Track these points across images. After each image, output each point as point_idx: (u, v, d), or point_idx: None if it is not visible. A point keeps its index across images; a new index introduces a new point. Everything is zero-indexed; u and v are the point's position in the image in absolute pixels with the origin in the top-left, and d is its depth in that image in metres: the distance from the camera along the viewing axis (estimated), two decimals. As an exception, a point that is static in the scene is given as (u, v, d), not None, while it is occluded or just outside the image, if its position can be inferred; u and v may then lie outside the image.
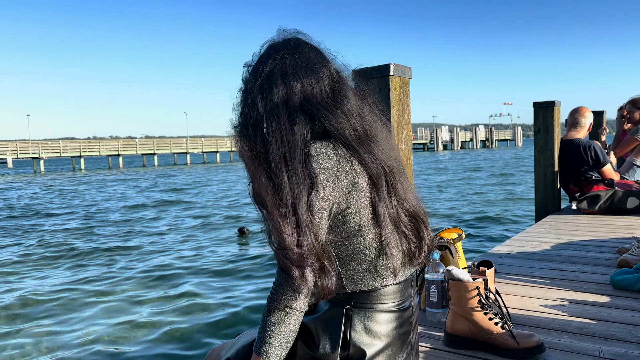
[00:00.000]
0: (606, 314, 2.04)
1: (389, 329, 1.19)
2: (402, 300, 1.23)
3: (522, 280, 2.56)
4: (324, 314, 1.21)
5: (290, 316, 1.11)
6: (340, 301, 1.20)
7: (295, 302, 1.11)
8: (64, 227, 11.71)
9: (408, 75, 2.36)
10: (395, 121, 2.29)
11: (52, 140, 50.01)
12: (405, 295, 1.24)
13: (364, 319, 1.18)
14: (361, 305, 1.19)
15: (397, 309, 1.21)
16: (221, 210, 13.91)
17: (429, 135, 77.35)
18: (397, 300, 1.21)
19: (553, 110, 4.90)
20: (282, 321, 1.11)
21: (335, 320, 1.19)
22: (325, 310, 1.21)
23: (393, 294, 1.21)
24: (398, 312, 1.22)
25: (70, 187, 24.50)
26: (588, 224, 4.07)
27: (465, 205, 12.91)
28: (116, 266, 7.60)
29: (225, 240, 9.52)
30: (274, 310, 1.11)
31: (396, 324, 1.21)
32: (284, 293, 1.11)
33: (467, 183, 19.30)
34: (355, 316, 1.18)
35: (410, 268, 1.26)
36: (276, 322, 1.11)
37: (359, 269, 1.18)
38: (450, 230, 2.24)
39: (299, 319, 1.13)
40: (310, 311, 1.26)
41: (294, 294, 1.10)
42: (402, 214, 1.20)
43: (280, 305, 1.11)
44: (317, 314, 1.23)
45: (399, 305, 1.22)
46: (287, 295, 1.10)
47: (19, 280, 6.94)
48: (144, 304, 5.68)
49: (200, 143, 56.78)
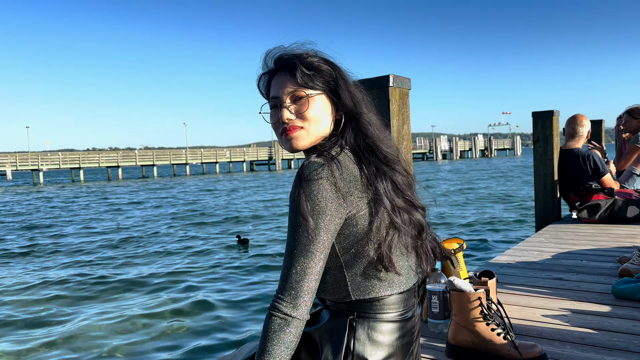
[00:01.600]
0: (608, 323, 2.04)
1: (392, 339, 1.19)
2: (405, 310, 1.23)
3: (524, 290, 2.55)
4: (326, 323, 1.21)
5: (291, 324, 1.11)
6: (343, 311, 1.20)
7: (296, 311, 1.11)
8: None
9: (407, 86, 2.38)
10: (395, 132, 2.29)
11: (51, 152, 50.02)
12: (408, 305, 1.24)
13: (367, 329, 1.18)
14: (364, 315, 1.19)
15: (400, 319, 1.21)
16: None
17: (428, 145, 77.49)
18: (400, 310, 1.21)
19: (552, 119, 4.92)
20: (283, 330, 1.10)
21: (338, 330, 1.18)
22: (328, 320, 1.21)
23: (396, 304, 1.21)
24: (401, 322, 1.21)
25: (76, 198, 24.48)
26: (588, 233, 4.07)
27: (466, 215, 12.91)
28: (115, 270, 7.59)
29: (228, 248, 9.53)
30: (275, 318, 1.11)
31: (399, 334, 1.21)
32: (285, 301, 1.11)
33: (469, 189, 19.31)
34: (358, 326, 1.18)
35: (413, 277, 1.26)
36: (277, 330, 1.11)
37: (364, 275, 1.18)
38: (451, 241, 2.23)
39: (300, 328, 1.13)
40: (313, 321, 1.26)
41: (297, 302, 1.10)
42: (409, 223, 1.21)
43: (281, 314, 1.11)
44: (320, 324, 1.22)
45: (402, 315, 1.22)
46: (288, 304, 1.10)
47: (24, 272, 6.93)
48: (143, 312, 5.65)
49: (200, 154, 56.81)
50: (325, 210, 1.10)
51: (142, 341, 4.79)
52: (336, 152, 1.17)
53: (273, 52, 1.27)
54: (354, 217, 1.14)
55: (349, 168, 1.15)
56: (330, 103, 1.25)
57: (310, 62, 1.22)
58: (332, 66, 1.24)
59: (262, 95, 1.31)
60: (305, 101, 1.20)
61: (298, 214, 1.10)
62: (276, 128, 1.25)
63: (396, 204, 1.19)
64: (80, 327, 5.31)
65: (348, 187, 1.12)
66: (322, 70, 1.22)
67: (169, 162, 54.09)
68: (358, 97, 1.25)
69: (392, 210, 1.17)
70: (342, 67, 1.28)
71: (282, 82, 1.23)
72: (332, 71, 1.23)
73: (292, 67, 1.21)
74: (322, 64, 1.23)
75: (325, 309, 1.25)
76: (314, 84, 1.21)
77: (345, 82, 1.24)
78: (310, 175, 1.10)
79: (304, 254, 1.11)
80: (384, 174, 1.19)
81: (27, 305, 6.25)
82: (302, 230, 1.10)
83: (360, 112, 1.24)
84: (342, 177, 1.12)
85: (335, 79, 1.23)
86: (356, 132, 1.23)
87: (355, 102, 1.24)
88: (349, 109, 1.24)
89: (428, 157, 76.32)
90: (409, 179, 1.27)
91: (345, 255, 1.17)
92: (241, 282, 6.96)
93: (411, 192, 1.27)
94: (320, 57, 1.25)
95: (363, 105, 1.25)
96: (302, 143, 1.22)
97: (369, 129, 1.23)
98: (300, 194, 1.10)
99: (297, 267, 1.11)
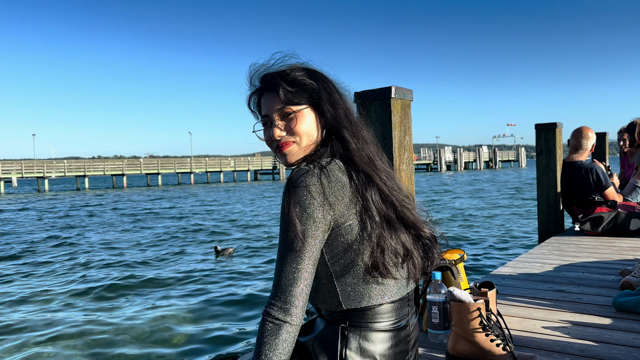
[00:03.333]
0: (609, 336, 2.03)
1: (384, 348, 1.20)
2: (398, 319, 1.24)
3: (525, 302, 2.55)
4: (320, 332, 1.22)
5: (283, 329, 1.13)
6: (336, 320, 1.22)
7: (288, 316, 1.13)
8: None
9: (409, 98, 2.40)
10: (397, 143, 2.31)
11: (57, 160, 50.24)
12: (401, 314, 1.25)
13: (359, 337, 1.19)
14: (356, 324, 1.20)
15: (392, 327, 1.22)
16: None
17: (432, 156, 77.44)
18: (392, 319, 1.22)
19: (555, 132, 4.93)
20: (276, 334, 1.12)
21: (331, 339, 1.20)
22: (322, 329, 1.23)
23: (388, 313, 1.22)
24: (394, 331, 1.22)
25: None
26: (591, 246, 4.06)
27: (469, 226, 12.88)
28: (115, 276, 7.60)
29: (224, 258, 9.53)
30: (268, 324, 1.14)
31: (392, 343, 1.21)
32: (276, 307, 1.13)
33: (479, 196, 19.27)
34: (350, 335, 1.19)
35: (405, 286, 1.27)
36: (271, 335, 1.13)
37: (354, 285, 1.19)
38: (452, 252, 2.24)
39: (294, 332, 1.14)
40: (307, 330, 1.28)
41: (288, 307, 1.13)
42: (398, 233, 1.22)
43: (274, 319, 1.13)
44: (314, 333, 1.24)
45: (395, 325, 1.23)
46: (280, 309, 1.13)
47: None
48: (139, 319, 5.65)
49: (204, 163, 56.95)
50: (313, 216, 1.13)
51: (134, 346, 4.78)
52: (326, 161, 1.19)
53: (259, 70, 1.30)
54: (342, 226, 1.16)
55: (338, 177, 1.17)
56: (319, 114, 1.27)
57: (294, 77, 1.25)
58: (315, 78, 1.26)
59: (253, 113, 1.36)
60: (293, 117, 1.24)
61: (287, 219, 1.13)
62: (270, 144, 1.29)
63: (385, 214, 1.20)
64: (85, 330, 5.31)
65: (336, 195, 1.15)
66: (306, 84, 1.25)
67: (174, 171, 54.25)
68: (340, 112, 1.26)
69: (380, 219, 1.19)
70: (331, 75, 1.30)
71: (270, 101, 1.26)
72: (315, 84, 1.25)
73: (276, 85, 1.25)
74: (305, 78, 1.25)
75: (320, 317, 1.26)
76: (299, 100, 1.24)
77: (328, 94, 1.26)
78: (298, 182, 1.14)
79: (293, 259, 1.13)
80: (372, 184, 1.21)
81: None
82: (291, 235, 1.13)
83: (342, 126, 1.25)
84: (330, 185, 1.14)
85: (318, 92, 1.25)
86: (341, 143, 1.25)
87: (337, 116, 1.25)
88: (330, 122, 1.26)
89: (432, 168, 76.21)
90: (400, 191, 1.28)
91: (335, 266, 1.19)
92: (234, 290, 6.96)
93: (404, 204, 1.27)
94: (305, 69, 1.27)
95: (345, 119, 1.26)
96: (296, 156, 1.26)
97: (351, 143, 1.24)
98: (289, 199, 1.13)
99: (287, 273, 1.13)
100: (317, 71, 1.29)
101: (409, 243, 1.25)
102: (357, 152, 1.23)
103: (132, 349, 4.84)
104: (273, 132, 1.25)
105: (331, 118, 1.25)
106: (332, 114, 1.25)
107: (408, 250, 1.25)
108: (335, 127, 1.26)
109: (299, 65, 1.28)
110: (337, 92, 1.28)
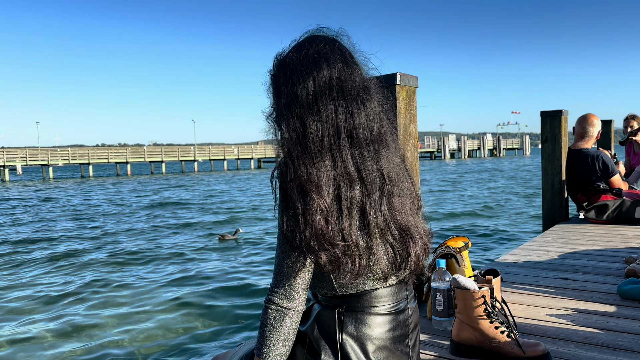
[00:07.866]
0: (613, 323, 2.04)
1: (381, 332, 1.19)
2: (396, 303, 1.23)
3: (529, 290, 2.55)
4: (317, 317, 1.22)
5: (287, 316, 1.14)
6: (333, 305, 1.21)
7: (291, 302, 1.14)
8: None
9: (414, 85, 2.38)
10: (402, 130, 2.30)
11: (61, 148, 50.38)
12: (399, 298, 1.24)
13: (355, 322, 1.18)
14: (353, 309, 1.19)
15: (390, 311, 1.21)
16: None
17: (437, 144, 77.27)
18: (389, 303, 1.21)
19: (560, 119, 4.90)
20: (279, 322, 1.14)
21: (328, 323, 1.20)
22: (318, 314, 1.22)
23: (385, 297, 1.21)
24: (392, 314, 1.21)
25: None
26: (596, 234, 4.05)
27: (474, 214, 12.88)
28: (116, 273, 7.64)
29: (225, 249, 9.56)
30: (270, 311, 1.14)
31: (390, 326, 1.21)
32: (279, 294, 1.14)
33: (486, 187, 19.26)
34: (346, 319, 1.19)
35: (402, 270, 1.23)
36: (274, 322, 1.14)
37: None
38: (456, 239, 2.24)
39: (296, 319, 1.15)
40: (305, 316, 1.27)
41: (291, 294, 1.13)
42: (391, 224, 1.17)
43: (277, 307, 1.14)
44: (311, 319, 1.24)
45: (393, 308, 1.22)
46: (282, 296, 1.14)
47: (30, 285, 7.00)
48: (142, 313, 5.69)
49: (208, 150, 56.97)
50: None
51: (132, 346, 4.81)
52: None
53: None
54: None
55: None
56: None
57: (270, 73, 1.25)
58: (278, 68, 1.22)
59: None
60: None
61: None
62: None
63: (380, 200, 1.15)
64: (82, 324, 5.36)
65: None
66: (272, 78, 1.23)
67: (177, 159, 54.31)
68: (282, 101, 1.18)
69: (374, 205, 1.14)
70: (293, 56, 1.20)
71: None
72: (278, 76, 1.21)
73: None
74: (271, 72, 1.24)
75: (317, 302, 1.26)
76: (274, 96, 1.23)
77: (288, 84, 1.18)
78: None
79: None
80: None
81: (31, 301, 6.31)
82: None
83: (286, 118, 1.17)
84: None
85: (279, 84, 1.21)
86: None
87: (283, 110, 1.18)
88: (278, 114, 1.20)
89: (436, 156, 76.09)
90: (401, 181, 1.22)
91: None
92: (239, 282, 6.99)
93: (404, 195, 1.21)
94: (274, 61, 1.24)
95: (294, 113, 1.15)
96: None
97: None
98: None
99: (288, 260, 1.13)
100: (281, 58, 1.23)
101: (401, 238, 1.20)
102: (356, 127, 1.17)
103: (132, 345, 4.88)
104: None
105: (279, 110, 1.22)
106: (283, 105, 1.19)
107: (401, 246, 1.20)
108: (280, 118, 1.22)
109: (276, 57, 1.25)
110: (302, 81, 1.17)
